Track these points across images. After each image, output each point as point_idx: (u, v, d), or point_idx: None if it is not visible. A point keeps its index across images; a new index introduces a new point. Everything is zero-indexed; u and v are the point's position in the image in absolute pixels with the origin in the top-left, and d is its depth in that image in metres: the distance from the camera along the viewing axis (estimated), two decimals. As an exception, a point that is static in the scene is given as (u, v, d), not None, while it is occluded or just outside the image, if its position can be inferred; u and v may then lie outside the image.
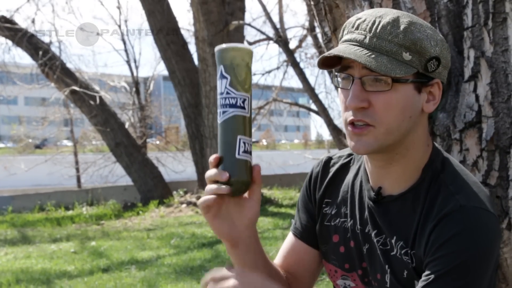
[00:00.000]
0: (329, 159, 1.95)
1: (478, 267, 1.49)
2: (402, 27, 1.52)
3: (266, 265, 1.79)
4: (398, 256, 1.63)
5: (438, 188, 1.60)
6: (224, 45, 1.60)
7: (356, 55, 1.51)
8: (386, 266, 1.66)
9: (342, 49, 1.55)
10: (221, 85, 1.58)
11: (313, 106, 18.46)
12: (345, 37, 1.61)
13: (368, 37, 1.54)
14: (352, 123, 1.57)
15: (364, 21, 1.56)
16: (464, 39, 2.09)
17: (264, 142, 56.04)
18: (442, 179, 1.62)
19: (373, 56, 1.50)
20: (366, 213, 1.73)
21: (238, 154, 1.56)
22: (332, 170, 1.91)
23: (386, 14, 1.55)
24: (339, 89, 1.63)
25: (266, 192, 16.84)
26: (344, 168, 1.90)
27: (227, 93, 1.57)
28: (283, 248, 1.99)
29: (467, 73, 2.06)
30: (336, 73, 1.62)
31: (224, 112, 1.58)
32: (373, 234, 1.70)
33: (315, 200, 1.93)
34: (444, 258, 1.48)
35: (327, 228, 1.86)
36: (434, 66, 1.56)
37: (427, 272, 1.51)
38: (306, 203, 1.97)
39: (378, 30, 1.53)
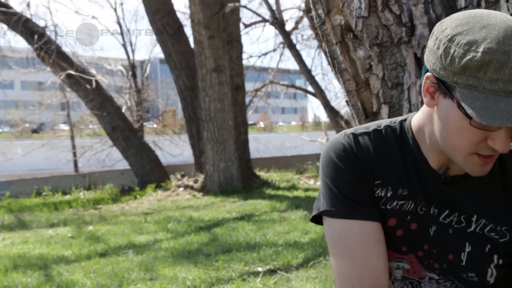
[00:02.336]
0: (356, 136, 1.74)
1: None
2: None
3: None
4: (478, 232, 1.64)
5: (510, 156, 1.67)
6: None
7: None
8: (467, 244, 1.66)
9: None
10: None
11: (310, 88, 18.52)
12: (507, 87, 1.38)
13: None
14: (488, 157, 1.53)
15: None
16: (458, 20, 2.07)
17: (261, 124, 56.15)
18: None
19: None
20: (432, 194, 1.69)
21: None
22: (367, 147, 1.72)
23: None
24: (464, 121, 1.47)
25: (263, 174, 16.85)
26: (381, 146, 1.73)
27: None
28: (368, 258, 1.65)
29: (461, 54, 2.05)
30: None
31: None
32: (443, 215, 1.68)
33: (370, 185, 1.71)
34: None
35: (382, 212, 1.72)
36: None
37: None
38: (362, 190, 1.70)
39: None
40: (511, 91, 1.37)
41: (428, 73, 1.52)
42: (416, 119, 1.69)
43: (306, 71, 16.50)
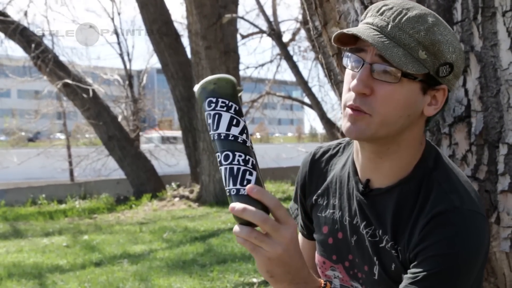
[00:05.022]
0: (319, 149, 1.97)
1: (467, 270, 1.49)
2: (426, 25, 1.50)
3: None
4: (387, 249, 1.63)
5: (431, 186, 1.59)
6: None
7: (374, 39, 1.48)
8: (375, 258, 1.66)
9: (362, 30, 1.52)
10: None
11: (307, 100, 18.50)
12: (367, 20, 1.58)
13: (390, 25, 1.51)
14: (350, 108, 1.56)
15: (391, 8, 1.54)
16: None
17: (258, 135, 56.08)
18: (435, 177, 1.61)
19: (390, 45, 1.49)
20: (355, 205, 1.73)
21: None
22: (322, 160, 1.93)
23: (414, 8, 1.53)
24: (346, 69, 1.61)
25: (259, 185, 16.80)
26: (333, 159, 1.91)
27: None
28: None
29: (457, 67, 2.06)
30: (348, 53, 1.59)
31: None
32: (362, 226, 1.70)
33: (308, 191, 1.94)
34: (435, 258, 1.48)
35: (319, 219, 1.87)
36: (446, 72, 1.54)
37: (416, 270, 1.50)
38: (300, 197, 1.99)
39: (402, 21, 1.51)
40: (364, 23, 1.58)
41: None
42: None
43: (302, 83, 16.50)
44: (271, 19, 16.74)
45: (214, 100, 1.47)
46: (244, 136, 1.47)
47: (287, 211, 1.46)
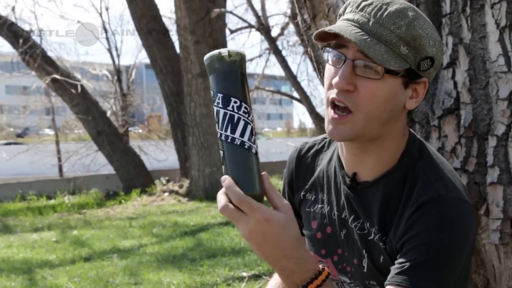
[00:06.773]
0: (304, 145, 1.98)
1: (454, 257, 1.50)
2: (406, 20, 1.51)
3: None
4: (375, 241, 1.64)
5: (416, 176, 1.60)
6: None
7: (356, 37, 1.48)
8: (364, 251, 1.67)
9: (343, 28, 1.52)
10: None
11: (296, 94, 18.48)
12: (347, 16, 1.58)
13: (371, 22, 1.52)
14: (334, 106, 1.57)
15: (371, 4, 1.54)
16: (443, 26, 2.09)
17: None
18: (420, 167, 1.62)
19: (372, 42, 1.49)
20: (343, 199, 1.74)
21: None
22: (308, 156, 1.93)
23: (393, 2, 1.54)
24: (327, 64, 1.61)
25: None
26: (319, 154, 1.92)
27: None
28: None
29: (446, 60, 2.06)
30: (329, 48, 1.59)
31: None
32: (350, 220, 1.71)
33: (296, 187, 1.95)
34: (421, 247, 1.49)
35: (308, 214, 1.88)
36: (427, 66, 1.55)
37: (402, 259, 1.50)
38: (288, 193, 2.00)
39: (383, 17, 1.51)
40: (343, 20, 1.58)
41: None
42: None
43: (291, 77, 16.49)
44: (260, 13, 16.70)
45: None
46: (217, 127, 1.52)
47: (252, 202, 1.40)
